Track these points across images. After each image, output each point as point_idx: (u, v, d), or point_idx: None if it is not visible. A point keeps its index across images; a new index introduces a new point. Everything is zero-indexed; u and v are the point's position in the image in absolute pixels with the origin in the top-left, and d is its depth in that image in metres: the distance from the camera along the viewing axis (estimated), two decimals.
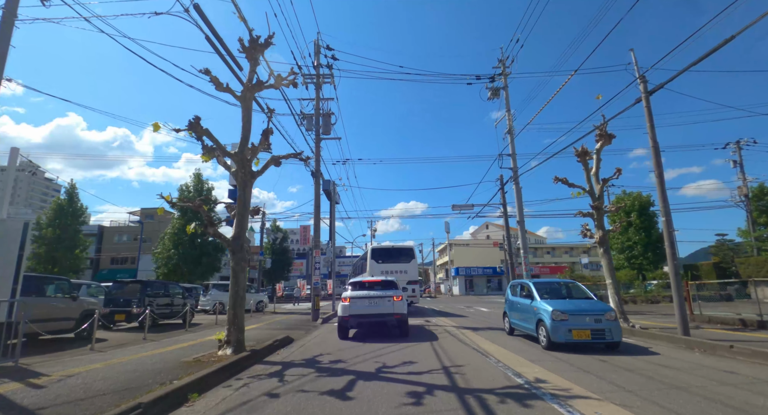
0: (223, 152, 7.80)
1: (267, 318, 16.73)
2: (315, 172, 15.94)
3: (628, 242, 27.11)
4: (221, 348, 7.39)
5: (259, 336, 10.21)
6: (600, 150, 12.84)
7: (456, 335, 9.98)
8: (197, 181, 27.85)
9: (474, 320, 14.30)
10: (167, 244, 26.49)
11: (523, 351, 7.35)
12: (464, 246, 62.05)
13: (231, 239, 7.73)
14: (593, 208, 12.35)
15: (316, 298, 14.95)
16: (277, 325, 13.68)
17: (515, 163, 18.95)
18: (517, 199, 18.53)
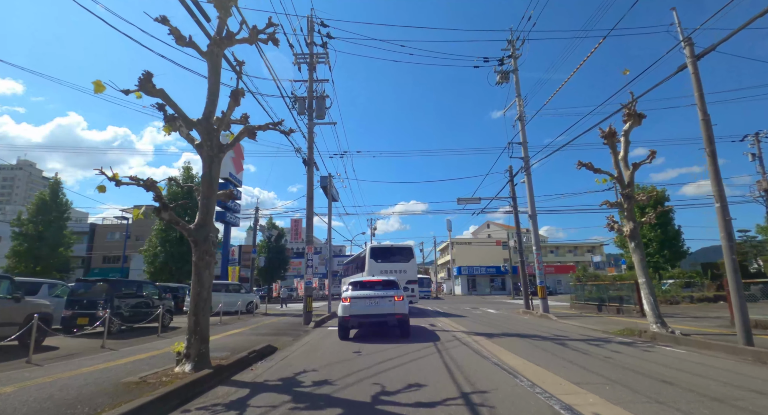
0: (185, 121, 6.29)
1: (255, 321, 15.24)
2: (308, 159, 14.44)
3: (643, 239, 25.56)
4: (179, 363, 5.90)
5: (237, 344, 8.71)
6: (629, 132, 11.34)
7: (468, 343, 8.47)
8: (186, 174, 26.36)
9: (485, 324, 12.79)
10: (154, 241, 24.99)
11: (556, 366, 5.85)
12: (466, 245, 60.55)
13: (193, 227, 6.23)
14: (623, 196, 10.83)
15: (308, 299, 13.45)
16: (264, 329, 12.19)
17: (526, 152, 17.46)
18: (528, 190, 17.03)
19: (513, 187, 18.90)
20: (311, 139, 14.60)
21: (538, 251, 16.47)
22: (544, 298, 15.98)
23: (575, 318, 14.42)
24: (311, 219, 14.08)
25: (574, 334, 10.08)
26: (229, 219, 22.54)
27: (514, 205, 18.78)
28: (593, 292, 19.33)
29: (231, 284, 20.01)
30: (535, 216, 16.84)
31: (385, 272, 15.86)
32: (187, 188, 26.42)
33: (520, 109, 17.70)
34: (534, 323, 12.90)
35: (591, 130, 12.51)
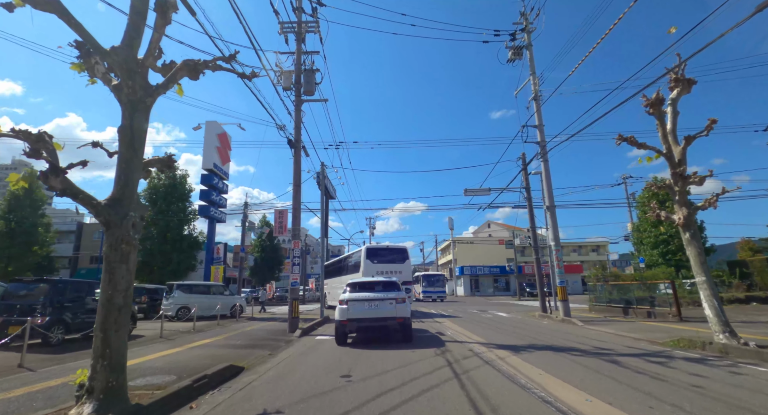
0: (98, 51, 4.34)
1: (236, 327, 13.30)
2: (294, 140, 12.50)
3: (663, 235, 23.67)
4: (79, 401, 3.98)
5: (192, 362, 6.78)
6: (677, 100, 9.44)
7: (492, 362, 6.54)
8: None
9: (502, 332, 10.86)
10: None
11: (636, 404, 3.94)
12: (468, 244, 58.65)
13: (104, 202, 4.30)
14: (674, 176, 8.91)
15: (294, 303, 11.51)
16: (239, 339, 10.25)
17: (543, 136, 15.54)
18: (545, 179, 15.11)
19: (526, 177, 16.98)
20: (299, 118, 12.68)
21: (557, 247, 14.54)
22: (565, 300, 14.05)
23: (603, 323, 12.50)
24: (298, 210, 12.15)
25: (619, 346, 8.15)
26: (213, 214, 20.61)
27: (528, 196, 16.87)
28: (614, 293, 17.44)
29: (213, 286, 18.06)
30: (553, 208, 14.93)
31: (381, 273, 15.58)
32: (166, 183, 24.61)
33: (534, 88, 15.80)
34: (559, 331, 10.97)
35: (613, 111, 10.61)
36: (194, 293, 17.13)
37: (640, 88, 10.01)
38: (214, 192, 20.90)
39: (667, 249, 23.40)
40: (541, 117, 15.73)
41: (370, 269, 15.83)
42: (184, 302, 16.71)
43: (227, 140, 22.52)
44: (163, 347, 9.12)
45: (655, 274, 18.52)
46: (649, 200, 24.76)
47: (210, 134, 21.21)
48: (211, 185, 20.75)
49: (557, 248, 14.56)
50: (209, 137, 21.13)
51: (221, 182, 21.52)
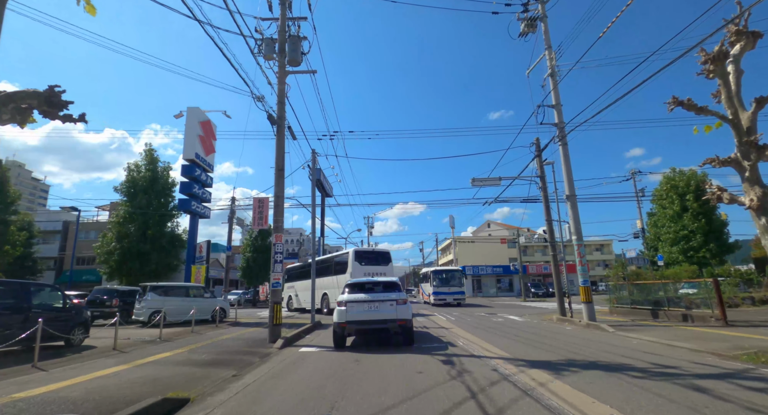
0: None
1: (211, 335, 11.49)
2: (277, 117, 10.71)
3: (683, 230, 21.94)
4: None
5: (123, 391, 5.00)
6: (740, 57, 7.71)
7: (531, 391, 4.76)
8: (149, 158, 22.54)
9: (524, 341, 9.08)
10: (109, 236, 21.15)
11: None
12: (469, 243, 56.96)
13: None
14: (743, 147, 7.14)
15: (276, 307, 9.70)
16: (207, 351, 8.45)
17: (560, 116, 13.82)
18: (564, 165, 13.38)
19: (541, 164, 15.22)
20: (282, 92, 10.89)
21: (579, 242, 12.79)
22: (589, 302, 12.30)
23: (635, 329, 10.74)
24: (281, 198, 10.35)
25: (683, 362, 6.37)
26: (195, 209, 18.79)
27: (543, 185, 15.10)
28: (636, 293, 15.73)
29: (192, 287, 16.23)
30: (573, 197, 13.17)
31: (368, 274, 15.93)
32: (147, 176, 22.74)
33: (551, 63, 14.06)
34: (592, 339, 9.20)
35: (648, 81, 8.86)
36: (170, 295, 15.31)
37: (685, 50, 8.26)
38: (197, 185, 19.09)
39: (688, 246, 21.66)
40: (558, 95, 13.99)
41: (358, 270, 16.30)
42: (158, 305, 14.85)
43: (211, 129, 20.71)
44: (107, 363, 7.33)
45: (677, 272, 16.81)
46: (668, 192, 23.09)
47: (192, 121, 19.41)
48: (193, 177, 18.93)
49: (579, 243, 12.80)
50: (191, 125, 19.32)
51: (204, 174, 19.71)
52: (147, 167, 22.27)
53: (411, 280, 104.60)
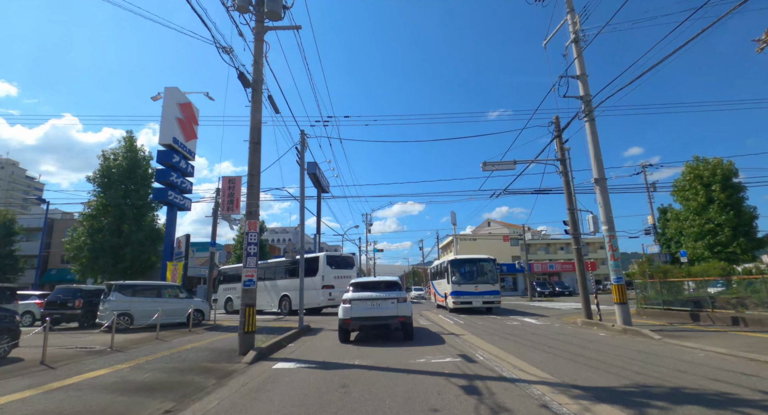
0: None
1: (174, 344, 9.61)
2: (253, 80, 8.81)
3: (709, 224, 20.08)
4: None
5: None
6: None
7: None
8: (128, 145, 20.60)
9: (565, 357, 7.21)
10: (79, 231, 19.22)
11: None
12: (471, 241, 55.14)
13: None
14: None
15: (249, 310, 7.81)
16: (156, 367, 6.57)
17: (586, 88, 11.98)
18: (591, 143, 11.53)
19: (561, 145, 13.35)
20: (260, 49, 8.99)
21: (611, 233, 10.92)
22: (624, 303, 10.45)
23: (687, 336, 8.88)
24: (257, 178, 8.46)
25: None
26: (173, 199, 16.87)
27: (564, 169, 13.23)
28: (664, 293, 13.95)
29: (166, 287, 14.34)
30: (603, 181, 11.32)
31: (337, 277, 17.50)
32: (125, 164, 20.81)
33: (574, 28, 12.18)
34: (645, 351, 7.34)
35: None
36: (138, 295, 13.43)
37: None
38: (174, 173, 17.15)
39: (715, 240, 19.80)
40: (583, 64, 12.13)
41: (329, 273, 17.46)
42: (124, 307, 13.02)
43: (193, 113, 18.78)
44: (18, 384, 5.55)
45: (705, 269, 14.98)
46: (691, 183, 21.26)
47: (169, 102, 17.46)
48: (170, 164, 16.99)
49: (611, 234, 10.94)
50: (168, 106, 17.38)
51: (184, 162, 17.78)
52: (125, 155, 20.36)
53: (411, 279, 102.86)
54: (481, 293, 16.53)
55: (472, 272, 17.35)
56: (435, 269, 22.62)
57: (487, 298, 16.44)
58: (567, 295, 37.85)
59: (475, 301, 16.38)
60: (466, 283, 16.79)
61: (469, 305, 16.43)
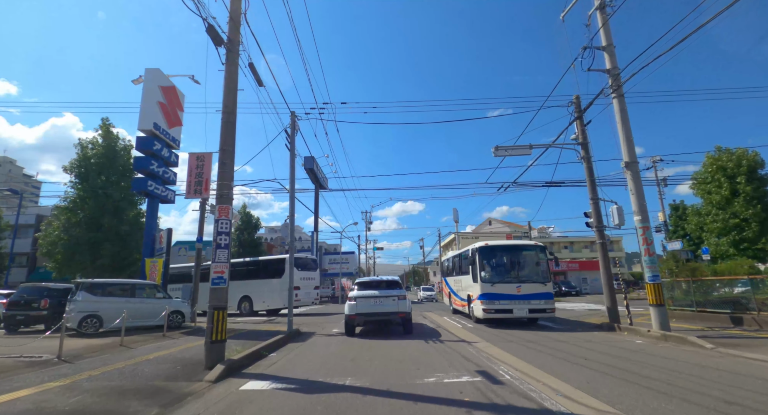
0: None
1: (143, 351, 8.20)
2: (228, 39, 7.37)
3: (735, 219, 18.65)
4: None
5: None
6: None
7: None
8: (105, 133, 19.15)
9: (607, 370, 5.80)
10: (55, 225, 17.79)
11: None
12: (473, 239, 53.71)
13: None
14: None
15: (218, 314, 6.38)
16: (100, 385, 5.16)
17: (613, 60, 10.57)
18: (620, 123, 10.12)
19: (582, 127, 11.92)
20: (236, 3, 7.55)
21: (644, 224, 9.50)
22: (661, 305, 9.05)
23: (743, 344, 7.47)
24: (229, 154, 7.02)
25: None
26: (153, 190, 15.44)
27: (586, 154, 11.80)
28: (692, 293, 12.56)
29: (140, 285, 12.92)
30: (634, 164, 9.90)
31: (302, 279, 18.13)
32: (102, 154, 19.38)
33: None
34: (707, 366, 5.95)
35: None
36: (109, 294, 12.02)
37: None
38: (156, 161, 15.72)
39: (741, 236, 18.37)
40: (609, 34, 10.69)
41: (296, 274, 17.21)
42: (92, 308, 11.62)
43: (177, 97, 17.33)
44: None
45: (731, 268, 13.59)
46: (713, 175, 19.82)
47: (150, 85, 16.00)
48: (151, 152, 15.56)
49: (645, 225, 9.51)
50: (149, 88, 15.92)
51: (167, 150, 16.33)
52: (104, 144, 18.92)
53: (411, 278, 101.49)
54: (525, 296, 11.19)
55: (512, 265, 12.17)
56: (450, 262, 17.31)
57: (535, 304, 11.17)
58: (574, 295, 36.46)
59: (518, 308, 11.11)
60: (503, 281, 11.52)
61: (509, 315, 11.17)
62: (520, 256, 12.43)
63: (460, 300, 14.84)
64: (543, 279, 11.63)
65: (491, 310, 11.24)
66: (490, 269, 11.90)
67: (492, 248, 12.33)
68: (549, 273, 11.92)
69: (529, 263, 12.21)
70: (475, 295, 11.97)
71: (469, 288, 12.78)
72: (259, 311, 18.57)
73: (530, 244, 12.71)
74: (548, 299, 11.27)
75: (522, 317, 11.30)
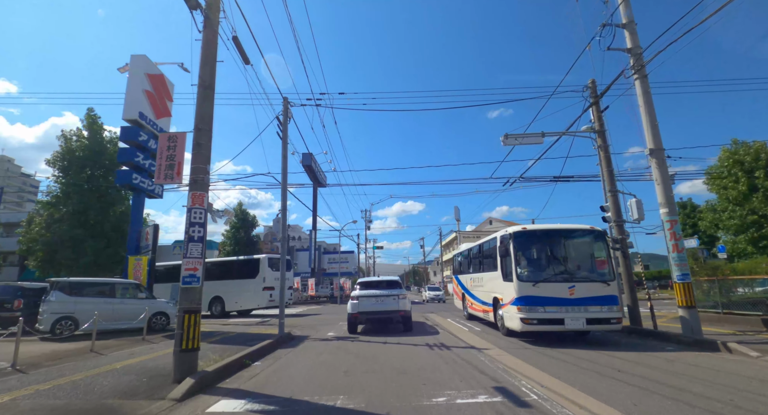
0: None
1: (112, 358, 7.30)
2: (207, 3, 6.44)
3: (753, 215, 17.73)
4: None
5: None
6: None
7: None
8: (91, 125, 18.23)
9: (654, 388, 4.88)
10: (38, 221, 16.89)
11: None
12: (475, 238, 52.72)
13: None
14: None
15: (189, 317, 5.46)
16: (45, 403, 4.21)
17: (635, 38, 9.67)
18: (644, 106, 9.25)
19: (599, 114, 11.00)
20: None
21: (672, 217, 8.58)
22: (692, 306, 8.15)
23: None
24: (206, 132, 6.10)
25: None
26: (138, 184, 14.55)
27: (603, 142, 10.87)
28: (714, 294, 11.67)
29: (120, 285, 12.02)
30: (660, 151, 8.98)
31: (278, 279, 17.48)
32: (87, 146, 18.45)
33: None
34: (764, 380, 5.00)
35: None
36: (85, 295, 11.11)
37: None
38: (142, 153, 14.81)
39: (760, 233, 17.44)
40: (630, 10, 9.77)
41: (270, 275, 17.93)
42: (67, 309, 10.73)
43: (165, 86, 16.41)
44: None
45: (751, 266, 12.69)
46: (730, 169, 18.91)
47: (136, 71, 15.07)
48: (136, 143, 14.65)
49: (673, 219, 8.59)
50: (135, 75, 15.00)
51: (154, 141, 15.39)
52: (90, 136, 18.00)
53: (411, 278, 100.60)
54: (581, 300, 8.11)
55: (561, 258, 8.99)
56: (466, 256, 13.97)
57: (594, 311, 8.07)
58: None
59: (571, 317, 8.01)
60: (549, 279, 8.41)
61: (558, 327, 8.10)
62: (571, 244, 9.20)
63: (480, 304, 11.61)
64: (604, 276, 8.48)
65: (533, 320, 8.02)
66: (529, 263, 8.89)
67: (532, 234, 9.24)
68: (612, 268, 8.91)
69: (585, 255, 9.15)
70: (507, 298, 8.84)
71: (497, 289, 9.67)
72: (231, 311, 18.03)
73: (584, 227, 9.25)
74: (612, 304, 8.19)
75: (577, 329, 8.07)
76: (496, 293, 9.80)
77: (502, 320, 9.27)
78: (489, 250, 10.91)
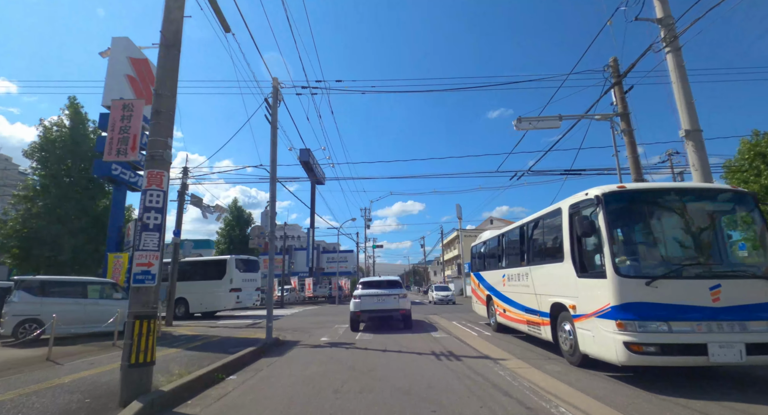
0: None
1: (66, 370, 6.22)
2: None
3: None
4: None
5: None
6: None
7: None
8: (73, 114, 17.16)
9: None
10: (15, 216, 15.83)
11: None
12: (474, 237, 51.71)
13: None
14: None
15: (140, 324, 4.39)
16: None
17: (666, 7, 8.64)
18: (678, 82, 8.22)
19: (622, 95, 9.92)
20: None
21: None
22: None
23: None
24: (168, 99, 5.05)
25: None
26: (119, 175, 13.50)
27: (627, 126, 9.80)
28: None
29: (93, 284, 10.97)
30: (698, 133, 7.92)
31: (245, 281, 18.05)
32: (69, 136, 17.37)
33: None
34: None
35: None
36: (53, 295, 10.05)
37: None
38: None
39: None
40: None
41: (237, 276, 17.58)
42: (31, 310, 9.67)
43: (150, 71, 15.32)
44: None
45: None
46: (751, 162, 17.85)
47: (118, 55, 14.05)
48: None
49: None
50: (116, 59, 13.97)
51: None
52: (72, 127, 16.94)
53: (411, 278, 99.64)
54: (733, 310, 4.54)
55: (690, 235, 5.35)
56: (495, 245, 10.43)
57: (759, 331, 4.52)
58: None
59: (720, 342, 4.42)
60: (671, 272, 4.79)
61: (699, 359, 4.43)
62: (705, 216, 5.52)
63: (521, 312, 8.02)
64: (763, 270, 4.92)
65: (649, 345, 4.51)
66: (636, 248, 5.45)
67: (639, 197, 5.56)
68: None
69: (725, 233, 5.56)
70: (589, 305, 5.29)
71: (561, 290, 6.24)
72: (195, 313, 17.26)
73: (725, 187, 5.75)
74: None
75: (729, 363, 4.44)
76: (558, 297, 6.30)
77: (574, 340, 5.73)
78: (545, 230, 7.33)
